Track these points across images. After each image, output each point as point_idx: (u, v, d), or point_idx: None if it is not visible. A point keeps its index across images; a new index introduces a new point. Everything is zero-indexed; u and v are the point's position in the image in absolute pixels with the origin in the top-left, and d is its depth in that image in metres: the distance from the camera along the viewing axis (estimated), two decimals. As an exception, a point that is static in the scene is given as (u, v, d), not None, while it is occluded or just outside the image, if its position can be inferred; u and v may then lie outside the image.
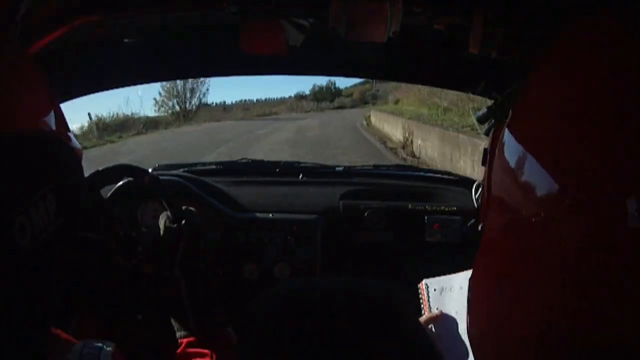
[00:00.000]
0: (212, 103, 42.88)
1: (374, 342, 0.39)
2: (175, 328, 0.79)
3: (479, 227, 0.56)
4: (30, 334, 0.45)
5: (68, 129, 0.61)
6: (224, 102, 47.80)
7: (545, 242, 0.36)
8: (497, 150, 0.45)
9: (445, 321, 0.92)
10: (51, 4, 0.73)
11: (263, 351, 0.41)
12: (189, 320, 0.77)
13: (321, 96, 48.10)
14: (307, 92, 50.16)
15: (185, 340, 0.76)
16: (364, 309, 0.41)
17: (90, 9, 0.78)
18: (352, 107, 42.20)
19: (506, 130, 0.43)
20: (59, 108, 0.59)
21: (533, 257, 0.38)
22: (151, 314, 1.11)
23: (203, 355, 0.73)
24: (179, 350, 0.75)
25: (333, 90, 49.61)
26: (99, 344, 0.54)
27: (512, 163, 0.41)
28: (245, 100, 50.23)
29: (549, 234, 0.36)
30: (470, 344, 0.51)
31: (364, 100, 44.54)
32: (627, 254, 0.31)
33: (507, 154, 0.42)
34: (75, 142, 0.60)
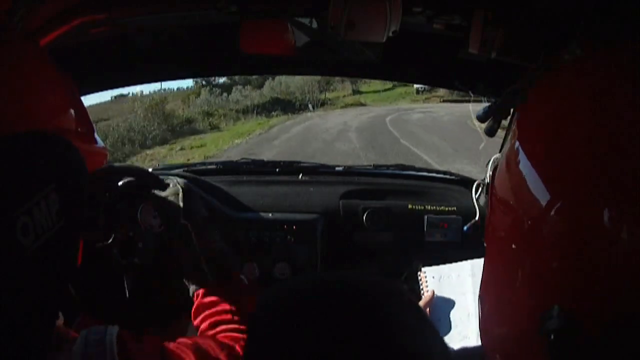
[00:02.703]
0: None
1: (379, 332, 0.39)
2: (189, 284, 0.79)
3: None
4: (34, 333, 0.45)
5: (92, 128, 0.58)
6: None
7: (536, 241, 0.38)
8: (505, 158, 0.47)
9: (439, 303, 0.98)
10: (51, 4, 0.73)
11: (266, 352, 0.41)
12: (202, 269, 0.77)
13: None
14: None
15: (201, 291, 0.76)
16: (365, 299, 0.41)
17: (91, 9, 0.78)
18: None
19: (516, 141, 0.46)
20: (81, 105, 0.57)
21: (525, 255, 0.40)
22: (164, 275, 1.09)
23: (216, 303, 0.74)
24: (194, 305, 0.76)
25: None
26: (103, 328, 0.55)
27: (515, 170, 0.43)
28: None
29: (538, 234, 0.38)
30: (481, 337, 0.54)
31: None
32: (603, 254, 0.34)
33: (515, 162, 0.45)
34: (100, 141, 0.59)
